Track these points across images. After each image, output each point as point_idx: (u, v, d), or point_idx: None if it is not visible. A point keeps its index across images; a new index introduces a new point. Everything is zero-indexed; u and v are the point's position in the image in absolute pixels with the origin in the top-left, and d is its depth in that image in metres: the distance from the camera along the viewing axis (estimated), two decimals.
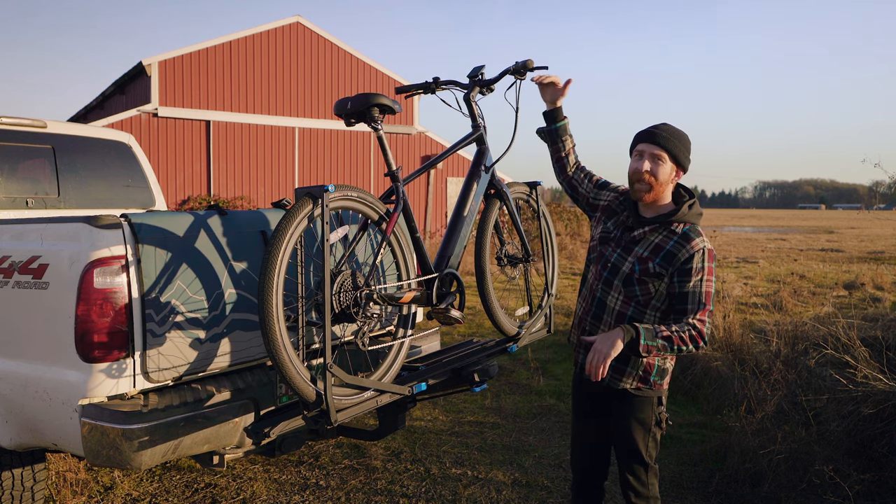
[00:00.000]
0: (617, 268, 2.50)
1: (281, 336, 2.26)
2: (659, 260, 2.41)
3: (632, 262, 2.46)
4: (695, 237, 2.43)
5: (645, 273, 2.42)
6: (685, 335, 2.33)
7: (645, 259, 2.44)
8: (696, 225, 2.49)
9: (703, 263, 2.39)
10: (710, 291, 2.40)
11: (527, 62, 3.26)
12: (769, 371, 5.01)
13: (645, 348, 2.29)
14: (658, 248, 2.44)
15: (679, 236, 2.43)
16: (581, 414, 2.75)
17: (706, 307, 2.38)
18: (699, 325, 2.36)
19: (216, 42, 18.89)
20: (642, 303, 2.46)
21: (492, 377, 3.32)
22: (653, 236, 2.47)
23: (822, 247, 23.65)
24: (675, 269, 2.40)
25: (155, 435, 2.32)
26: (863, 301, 9.47)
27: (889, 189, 7.60)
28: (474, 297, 6.86)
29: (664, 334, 2.31)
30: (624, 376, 2.51)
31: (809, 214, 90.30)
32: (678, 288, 2.39)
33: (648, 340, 2.29)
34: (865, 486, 3.57)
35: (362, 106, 2.72)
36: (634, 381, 2.51)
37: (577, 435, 2.77)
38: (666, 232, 2.46)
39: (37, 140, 4.38)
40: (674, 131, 2.49)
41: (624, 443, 2.55)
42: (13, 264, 2.61)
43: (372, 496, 3.74)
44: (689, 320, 2.36)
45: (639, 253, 2.46)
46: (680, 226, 2.46)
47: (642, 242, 2.48)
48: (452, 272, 3.01)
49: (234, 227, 2.77)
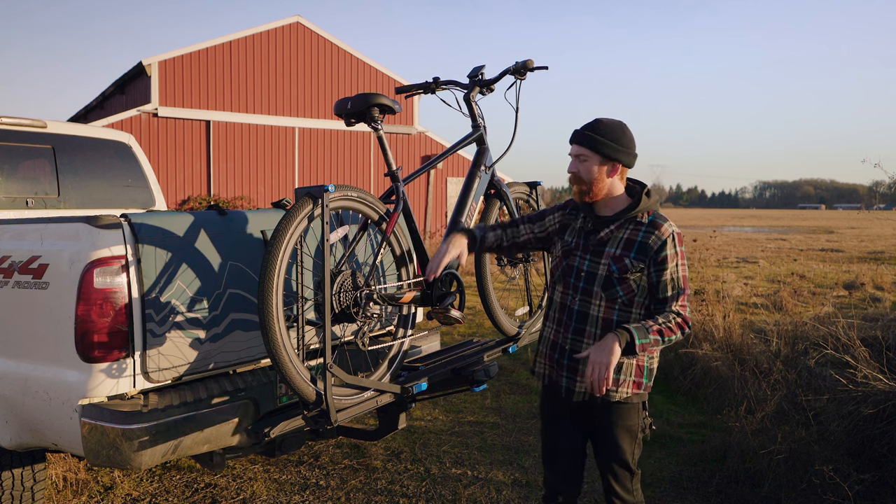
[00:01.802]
0: (592, 274, 2.42)
1: (281, 336, 2.26)
2: (634, 253, 2.38)
3: (606, 263, 2.40)
4: (662, 223, 2.40)
5: (624, 270, 2.38)
6: (672, 325, 2.33)
7: (619, 256, 2.39)
8: (658, 211, 2.46)
9: (676, 248, 2.39)
10: (686, 275, 2.42)
11: (527, 62, 3.26)
12: (769, 371, 5.00)
13: (641, 347, 2.27)
14: (629, 241, 2.40)
15: (647, 225, 2.40)
16: (555, 429, 2.61)
17: (685, 292, 2.40)
18: (682, 310, 2.37)
19: (216, 42, 18.89)
20: (626, 302, 2.40)
21: (492, 377, 3.32)
22: (620, 232, 2.42)
23: (822, 247, 23.65)
24: (650, 259, 2.37)
25: (155, 435, 2.32)
26: (863, 301, 9.47)
27: (889, 189, 7.59)
28: (474, 297, 6.86)
29: (654, 329, 2.30)
30: (619, 386, 2.43)
31: (809, 214, 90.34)
32: (656, 277, 2.37)
33: (642, 339, 2.28)
34: (865, 486, 3.57)
35: (362, 106, 2.72)
36: (629, 389, 2.44)
37: (556, 455, 2.63)
38: (632, 225, 2.42)
39: (37, 140, 4.39)
40: (599, 127, 2.42)
41: (611, 452, 2.47)
42: (13, 264, 2.61)
43: (372, 496, 3.74)
44: (672, 308, 2.36)
45: (611, 252, 2.41)
46: (644, 215, 2.43)
47: (611, 241, 2.42)
48: (452, 272, 3.01)
49: (234, 227, 2.77)
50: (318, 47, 20.42)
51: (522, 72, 3.29)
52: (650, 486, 3.92)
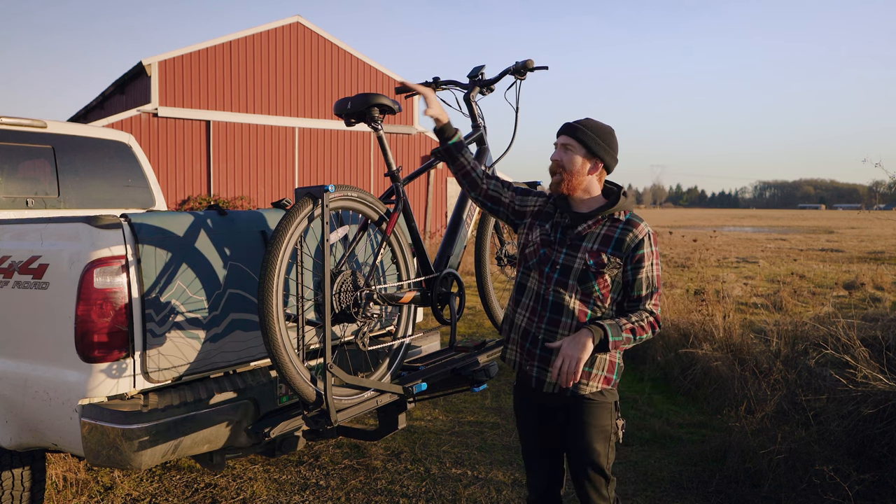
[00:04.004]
0: (568, 267, 2.43)
1: (281, 336, 2.26)
2: (610, 249, 2.41)
3: (583, 257, 2.42)
4: (639, 222, 2.45)
5: (600, 265, 2.40)
6: (644, 323, 2.37)
7: (596, 252, 2.41)
8: (634, 212, 2.51)
9: (651, 248, 2.43)
10: (660, 275, 2.46)
11: (527, 62, 3.27)
12: (769, 371, 5.00)
13: (614, 345, 2.30)
14: (606, 238, 2.43)
15: (624, 223, 2.44)
16: (531, 429, 2.59)
17: (658, 291, 2.44)
18: (654, 309, 2.41)
19: (216, 42, 18.89)
20: (601, 297, 2.41)
21: (492, 377, 3.32)
22: (597, 228, 2.46)
23: (822, 247, 23.65)
24: (626, 257, 2.41)
25: (155, 435, 2.32)
26: (863, 301, 9.47)
27: (889, 189, 7.60)
28: (474, 297, 6.85)
29: (627, 327, 2.34)
30: (590, 379, 2.42)
31: (809, 214, 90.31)
32: (631, 275, 2.41)
33: (616, 336, 2.30)
34: (865, 486, 3.57)
35: (362, 106, 2.72)
36: (599, 383, 2.43)
37: (531, 453, 2.61)
38: (610, 222, 2.46)
39: (37, 140, 4.39)
40: (590, 124, 2.48)
41: (583, 455, 2.43)
42: (13, 264, 2.61)
43: (372, 496, 3.74)
44: (645, 307, 2.40)
45: (588, 247, 2.43)
46: (622, 213, 2.47)
47: (588, 237, 2.45)
48: (452, 272, 3.01)
49: (234, 227, 2.77)
50: (318, 47, 20.42)
51: (522, 72, 3.29)
52: (650, 486, 3.92)
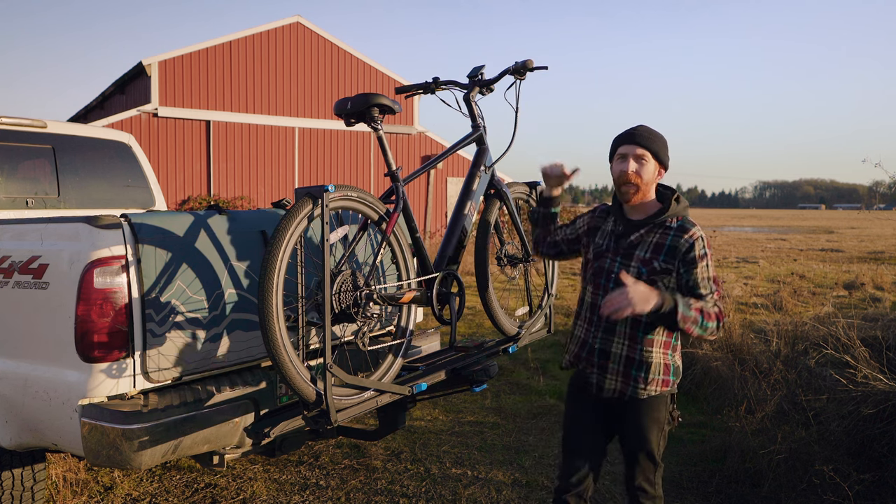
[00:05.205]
0: None
1: (281, 336, 2.26)
2: (663, 257, 2.43)
3: (636, 266, 2.45)
4: (691, 227, 2.45)
5: (652, 273, 2.42)
6: (711, 311, 2.35)
7: (648, 260, 2.44)
8: (688, 216, 2.52)
9: (704, 250, 2.43)
10: (716, 276, 2.46)
11: (526, 62, 3.26)
12: (769, 371, 5.00)
13: (683, 318, 2.28)
14: (658, 245, 2.45)
15: (675, 229, 2.45)
16: (582, 431, 2.61)
17: (718, 290, 2.44)
18: (720, 303, 2.41)
19: (216, 42, 18.89)
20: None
21: (492, 377, 3.32)
22: (650, 236, 2.48)
23: (822, 247, 23.64)
24: (679, 262, 2.41)
25: (155, 435, 2.32)
26: (863, 301, 9.47)
27: (889, 189, 7.60)
28: (474, 297, 6.86)
29: (696, 306, 2.32)
30: (647, 384, 2.47)
31: (809, 214, 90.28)
32: (686, 276, 2.41)
33: (686, 311, 2.29)
34: (865, 486, 3.57)
35: (362, 106, 2.72)
36: (658, 387, 2.48)
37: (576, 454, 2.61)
38: (662, 229, 2.47)
39: (37, 140, 4.39)
40: (652, 131, 2.53)
41: (638, 444, 2.51)
42: (13, 264, 2.61)
43: (372, 496, 3.74)
44: (708, 300, 2.40)
45: (640, 256, 2.46)
46: (674, 220, 2.48)
47: (641, 245, 2.48)
48: (452, 272, 3.01)
49: (234, 227, 2.77)
50: (318, 47, 20.42)
51: (522, 72, 3.29)
52: None
